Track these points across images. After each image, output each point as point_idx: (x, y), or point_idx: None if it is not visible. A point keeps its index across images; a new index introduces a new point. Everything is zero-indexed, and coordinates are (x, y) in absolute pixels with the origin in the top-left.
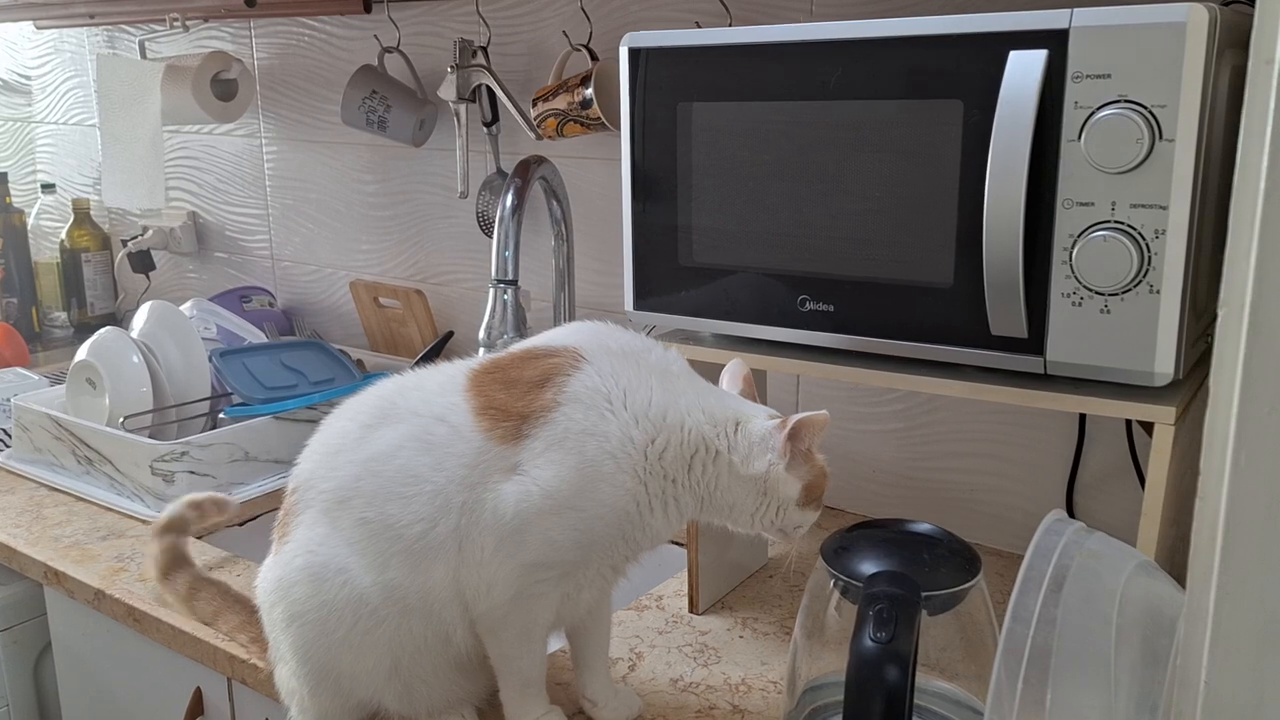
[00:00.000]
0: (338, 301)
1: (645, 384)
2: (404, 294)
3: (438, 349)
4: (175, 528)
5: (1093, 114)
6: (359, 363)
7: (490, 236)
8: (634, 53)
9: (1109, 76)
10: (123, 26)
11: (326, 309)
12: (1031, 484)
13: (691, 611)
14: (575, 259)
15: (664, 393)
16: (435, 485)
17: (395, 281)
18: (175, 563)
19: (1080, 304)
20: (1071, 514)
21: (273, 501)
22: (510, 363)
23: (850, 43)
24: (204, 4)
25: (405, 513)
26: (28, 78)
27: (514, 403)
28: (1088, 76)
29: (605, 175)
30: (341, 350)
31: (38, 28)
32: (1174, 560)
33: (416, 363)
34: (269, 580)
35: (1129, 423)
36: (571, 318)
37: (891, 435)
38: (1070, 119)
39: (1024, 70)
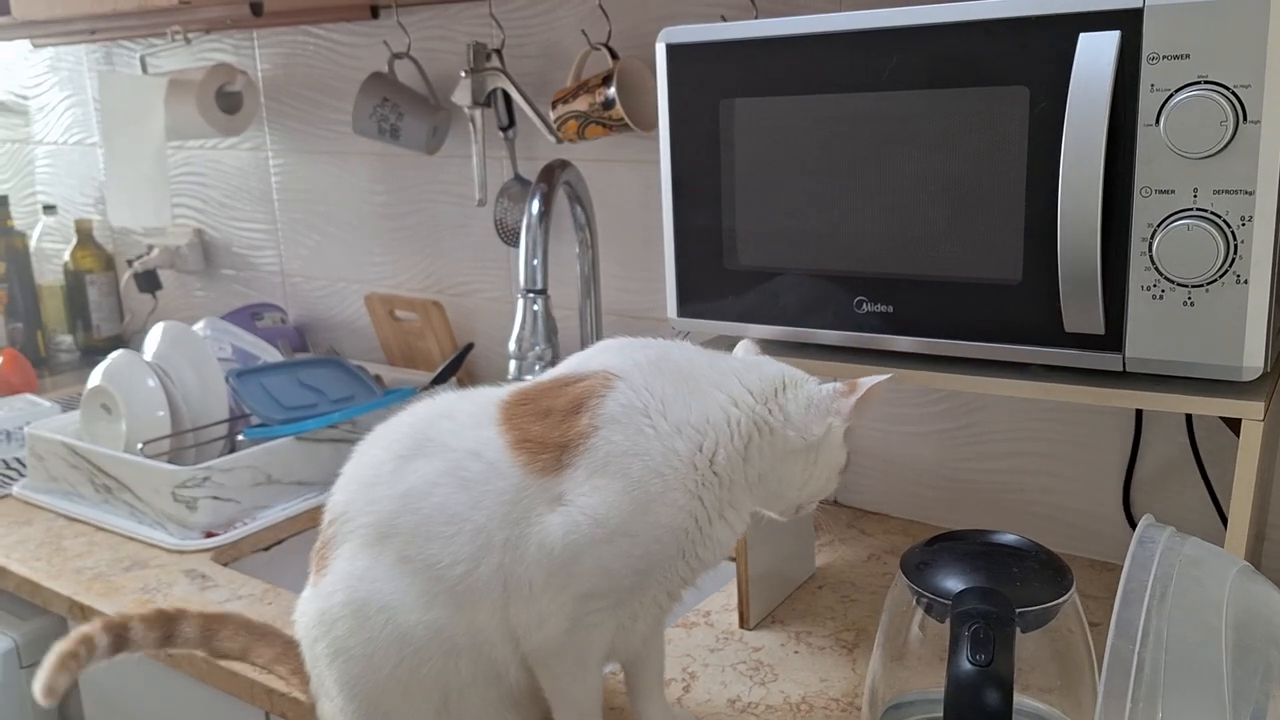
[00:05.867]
0: (352, 316)
1: (680, 390)
2: (421, 306)
3: (458, 362)
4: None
5: (1171, 96)
6: (378, 378)
7: (509, 244)
8: (672, 49)
9: (1187, 57)
10: (121, 43)
11: (340, 324)
12: (1083, 482)
13: (742, 627)
14: (600, 265)
15: (700, 393)
16: (475, 524)
17: (411, 294)
18: (167, 626)
19: (1161, 297)
20: (1129, 513)
21: (297, 525)
22: (541, 393)
23: (905, 30)
24: (209, 15)
25: (446, 553)
26: (25, 98)
27: (550, 433)
28: (1164, 57)
29: (629, 178)
30: (359, 366)
31: (35, 46)
32: (1255, 560)
33: (437, 376)
34: (310, 614)
35: (1189, 415)
36: (598, 325)
37: (935, 436)
38: (1147, 103)
39: (1096, 53)
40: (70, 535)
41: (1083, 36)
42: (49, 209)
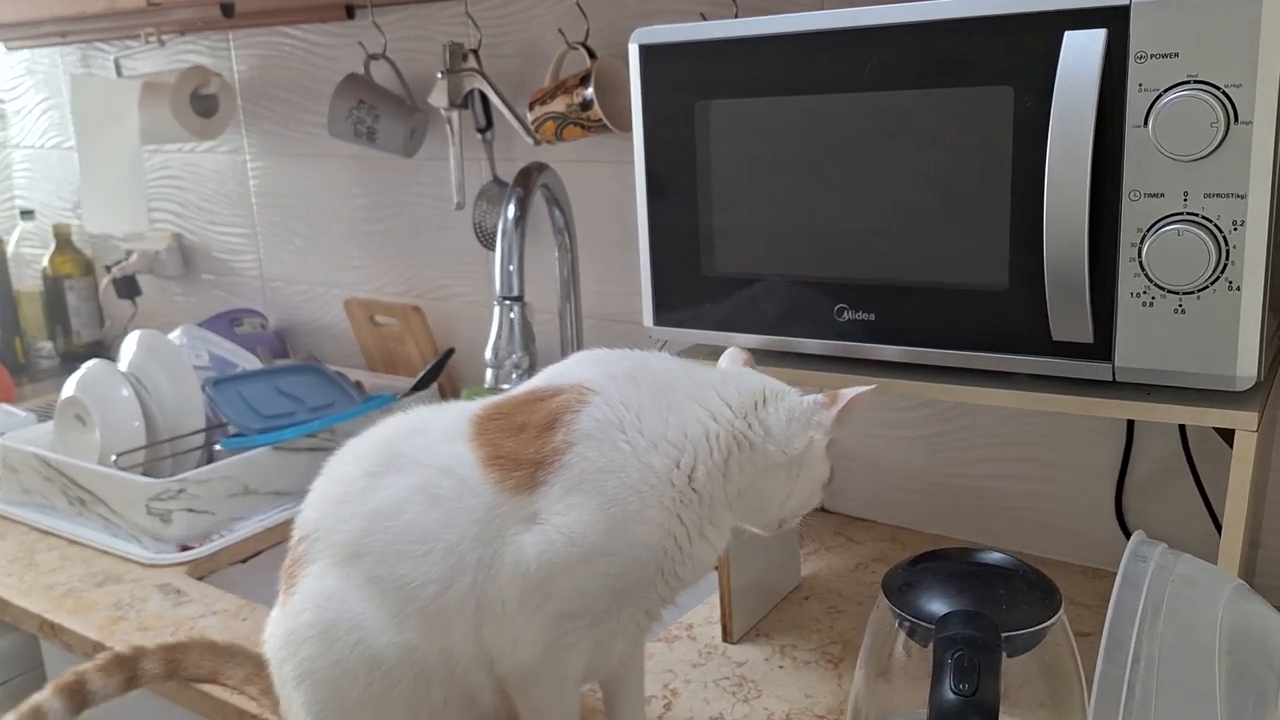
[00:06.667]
0: (332, 321)
1: (658, 404)
2: (401, 311)
3: (439, 368)
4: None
5: (1160, 97)
6: (358, 385)
7: (488, 248)
8: (645, 50)
9: (1176, 55)
10: (96, 45)
11: (320, 329)
12: (1074, 487)
13: (725, 641)
14: (580, 268)
15: (678, 407)
16: (447, 543)
17: (391, 298)
18: (127, 669)
19: (1151, 304)
20: (1121, 519)
21: (274, 536)
22: (515, 407)
23: (886, 29)
24: (180, 16)
25: (417, 573)
26: (1, 101)
27: (524, 450)
28: (1153, 56)
29: (608, 179)
30: (339, 372)
31: (9, 49)
32: (1249, 567)
33: (417, 382)
34: (278, 635)
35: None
36: (578, 329)
37: (922, 441)
38: (1135, 103)
39: (1081, 52)
40: (43, 549)
41: (1068, 35)
42: (26, 214)
